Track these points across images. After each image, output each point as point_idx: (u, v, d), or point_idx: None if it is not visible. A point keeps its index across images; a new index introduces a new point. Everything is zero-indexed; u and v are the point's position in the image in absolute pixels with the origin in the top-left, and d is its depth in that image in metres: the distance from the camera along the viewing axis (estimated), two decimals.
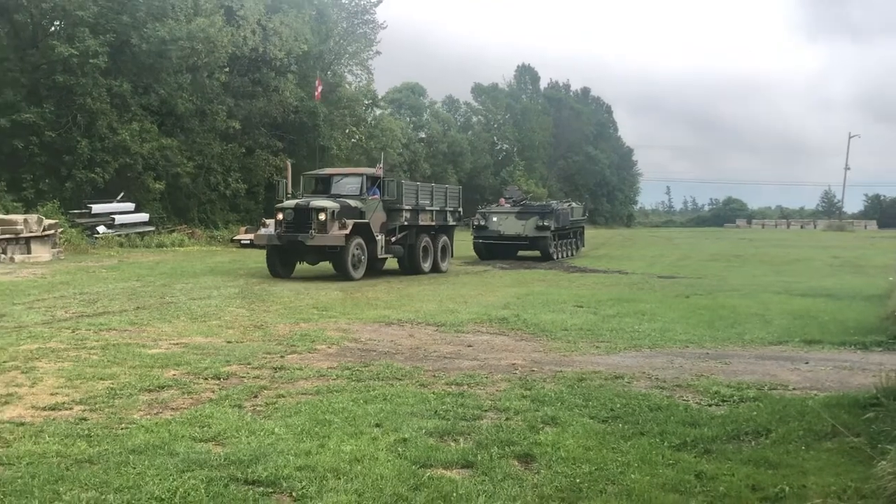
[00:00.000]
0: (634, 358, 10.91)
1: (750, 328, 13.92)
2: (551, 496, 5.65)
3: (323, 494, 5.60)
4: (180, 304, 15.88)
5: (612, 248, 43.52)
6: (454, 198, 27.98)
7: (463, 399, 8.26)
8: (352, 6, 53.44)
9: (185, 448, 6.52)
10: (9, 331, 12.36)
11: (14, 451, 6.41)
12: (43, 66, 33.97)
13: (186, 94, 38.33)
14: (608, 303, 17.27)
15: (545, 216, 33.04)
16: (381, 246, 23.15)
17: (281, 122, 44.10)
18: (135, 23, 35.77)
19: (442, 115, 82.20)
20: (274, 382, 9.04)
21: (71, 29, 34.48)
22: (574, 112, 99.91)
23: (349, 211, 22.12)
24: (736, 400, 8.45)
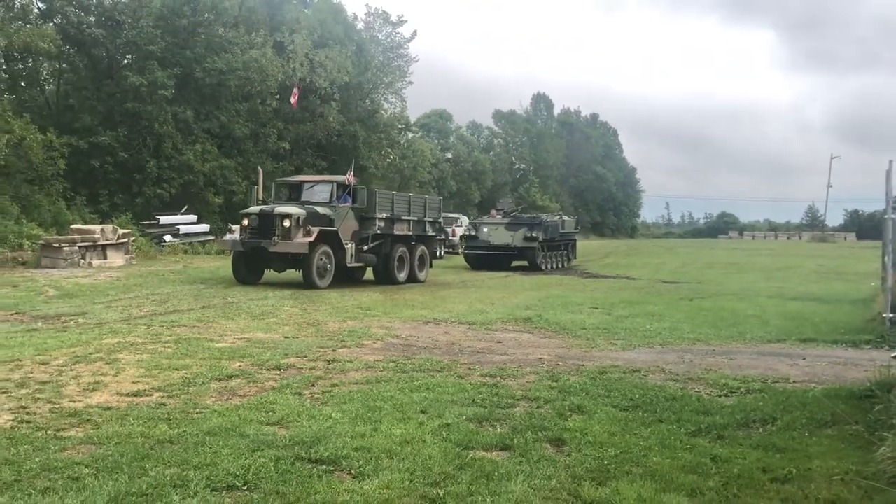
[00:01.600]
0: (648, 354, 10.86)
1: (750, 328, 13.84)
2: (583, 476, 5.61)
3: (379, 472, 5.59)
4: (241, 303, 15.94)
5: (618, 256, 43.39)
6: (434, 208, 25.02)
7: (497, 389, 8.24)
8: (388, 42, 53.60)
9: (254, 430, 6.53)
10: (92, 327, 12.46)
11: (103, 433, 6.44)
12: (117, 94, 34.22)
13: (242, 119, 38.50)
14: (620, 305, 17.22)
15: (534, 227, 31.13)
16: (350, 254, 20.73)
17: (325, 143, 44.23)
18: (197, 56, 36.01)
19: (466, 137, 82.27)
20: (328, 373, 9.06)
21: (142, 62, 34.72)
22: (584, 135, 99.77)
23: (316, 218, 19.97)
24: (743, 391, 8.40)
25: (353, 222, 21.10)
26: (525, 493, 5.26)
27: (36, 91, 36.64)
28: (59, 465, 5.59)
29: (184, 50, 35.96)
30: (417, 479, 5.46)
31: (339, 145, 45.12)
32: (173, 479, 5.35)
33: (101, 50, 34.97)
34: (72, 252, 23.45)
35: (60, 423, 6.72)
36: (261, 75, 37.09)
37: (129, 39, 34.48)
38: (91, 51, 34.81)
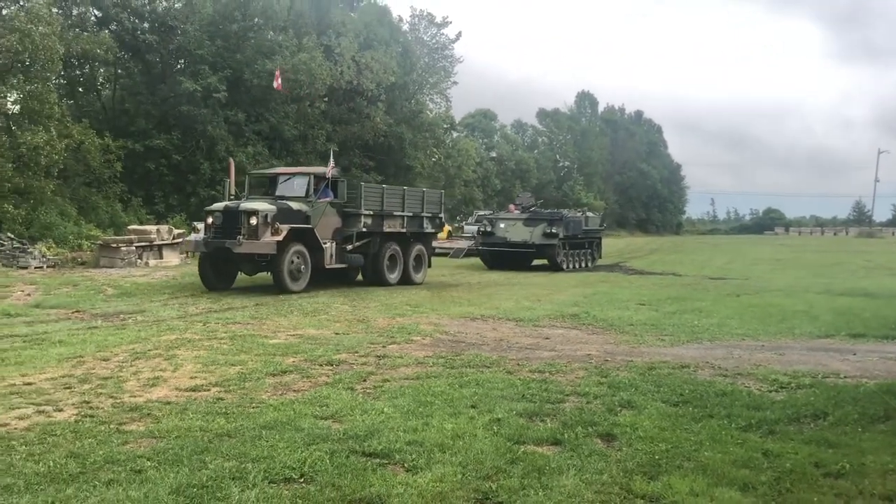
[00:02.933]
0: (696, 349, 10.75)
1: (798, 323, 13.62)
2: (634, 470, 5.57)
3: (431, 466, 5.60)
4: (292, 301, 16.07)
5: (663, 253, 42.96)
6: (434, 203, 22.24)
7: (546, 385, 8.22)
8: (432, 43, 53.76)
9: (308, 424, 6.59)
10: (150, 324, 12.66)
11: (164, 426, 6.53)
12: (170, 98, 34.71)
13: (292, 121, 38.85)
14: (667, 301, 17.05)
15: (554, 223, 28.08)
16: (330, 254, 18.28)
17: (372, 144, 44.43)
18: (247, 60, 36.40)
19: (511, 136, 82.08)
20: (379, 368, 9.10)
21: (194, 66, 35.17)
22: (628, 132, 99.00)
23: (289, 214, 17.47)
24: (793, 387, 8.27)
25: (335, 219, 18.84)
26: (577, 487, 5.24)
27: (93, 96, 37.32)
28: (121, 458, 5.69)
29: (234, 54, 36.37)
30: (470, 473, 5.47)
31: (385, 146, 45.32)
32: (232, 471, 5.42)
33: (155, 55, 35.49)
34: (129, 252, 23.88)
35: (122, 418, 6.83)
36: (309, 78, 37.35)
37: (181, 45, 34.97)
38: (145, 56, 35.35)
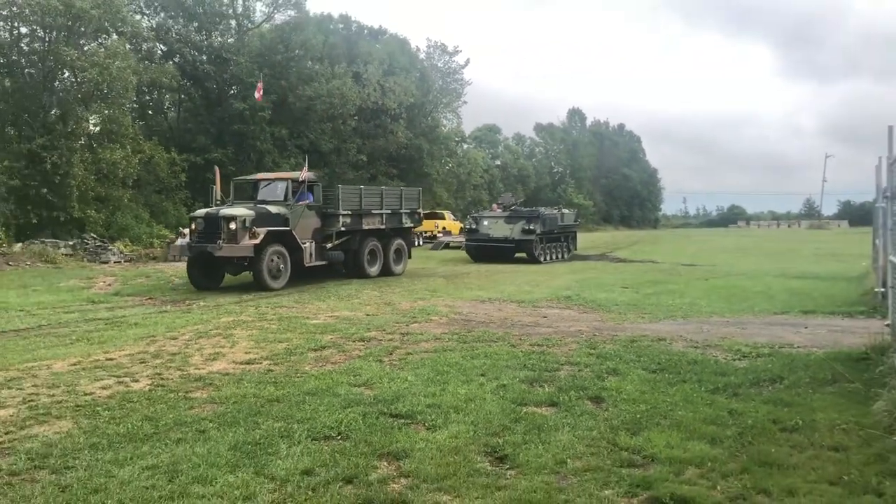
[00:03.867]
0: (671, 325, 10.67)
1: (758, 302, 13.50)
2: (619, 427, 5.56)
3: (448, 425, 5.61)
4: (329, 288, 16.09)
5: (644, 244, 42.56)
6: (412, 199, 20.87)
7: (544, 356, 8.20)
8: (445, 69, 53.78)
9: (344, 391, 6.61)
10: (210, 308, 12.72)
11: (223, 394, 6.57)
12: (225, 118, 34.74)
13: (327, 136, 38.81)
14: (646, 284, 16.93)
15: (532, 220, 26.72)
16: (309, 253, 16.95)
17: (395, 155, 44.37)
18: (290, 85, 36.34)
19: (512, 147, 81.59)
20: (403, 344, 9.10)
21: (244, 91, 35.15)
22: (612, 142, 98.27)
23: (267, 218, 16.12)
24: (754, 356, 8.20)
25: (314, 220, 17.44)
26: (570, 441, 5.24)
27: (161, 118, 37.41)
28: (188, 421, 5.73)
29: (279, 80, 36.33)
30: (480, 430, 5.48)
31: (406, 156, 45.28)
32: (280, 430, 5.45)
33: (212, 82, 35.53)
34: None
35: (188, 387, 6.88)
36: (341, 100, 37.37)
37: (234, 73, 34.97)
38: (204, 83, 35.40)
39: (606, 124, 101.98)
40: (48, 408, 6.10)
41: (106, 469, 4.66)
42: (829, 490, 4.38)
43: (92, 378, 7.22)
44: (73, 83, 28.04)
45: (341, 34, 45.11)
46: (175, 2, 34.45)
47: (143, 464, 4.76)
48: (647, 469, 4.75)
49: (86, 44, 27.37)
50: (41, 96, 25.95)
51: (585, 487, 4.45)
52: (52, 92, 26.63)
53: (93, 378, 7.22)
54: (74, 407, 6.13)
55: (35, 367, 7.71)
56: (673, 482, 4.51)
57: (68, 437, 5.30)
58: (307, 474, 4.61)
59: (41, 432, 5.46)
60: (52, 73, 26.64)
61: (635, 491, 4.41)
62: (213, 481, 4.47)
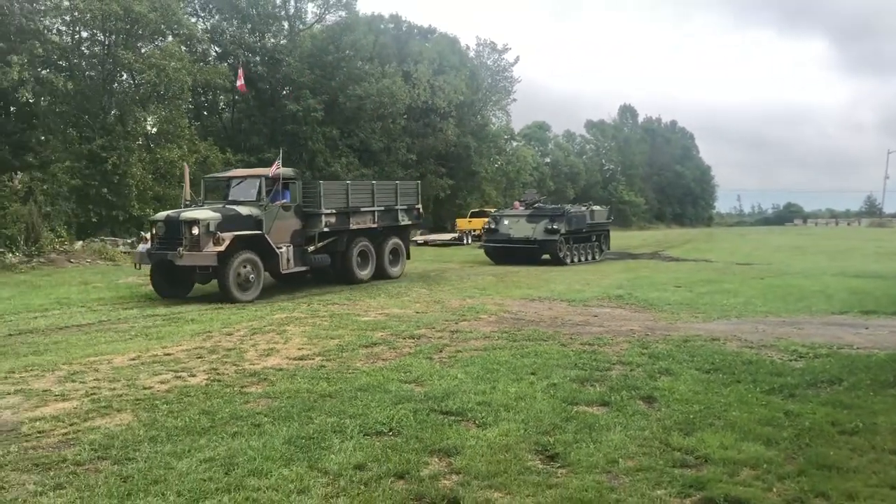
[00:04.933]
0: (725, 325, 10.48)
1: (815, 302, 13.16)
2: (672, 427, 5.50)
3: (498, 422, 5.62)
4: (380, 285, 16.19)
5: (697, 242, 41.83)
6: (409, 194, 18.61)
7: (595, 355, 8.13)
8: (495, 67, 53.52)
9: (395, 387, 6.66)
10: (264, 304, 12.96)
11: (277, 389, 6.69)
12: (278, 119, 35.29)
13: (378, 135, 39.11)
14: (700, 283, 16.64)
15: (555, 219, 24.26)
16: (287, 259, 14.83)
17: (444, 153, 44.47)
18: (340, 85, 36.74)
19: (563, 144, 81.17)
20: (453, 341, 9.12)
21: (297, 92, 35.68)
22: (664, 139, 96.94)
23: (236, 221, 14.09)
24: (811, 356, 8.02)
25: (293, 221, 15.38)
26: (622, 441, 5.20)
27: (215, 118, 38.17)
28: (243, 415, 5.85)
29: (330, 81, 36.76)
30: (531, 429, 5.48)
31: (455, 154, 45.34)
32: (333, 425, 5.53)
33: (265, 83, 36.10)
34: None
35: (243, 381, 7.02)
36: (391, 99, 37.62)
37: (286, 74, 35.50)
38: (257, 84, 35.98)
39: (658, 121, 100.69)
40: (109, 401, 6.29)
41: (165, 461, 4.80)
42: (891, 494, 4.28)
43: (150, 372, 7.42)
44: (131, 85, 28.83)
45: (391, 34, 45.38)
46: (229, 4, 35.09)
47: (200, 456, 4.88)
48: (700, 470, 4.69)
49: (143, 46, 28.09)
50: (101, 98, 26.72)
51: (637, 487, 4.42)
52: (111, 94, 27.41)
53: (151, 372, 7.42)
54: (134, 400, 6.32)
55: (96, 362, 7.96)
56: (727, 483, 4.45)
57: (129, 430, 5.47)
58: (359, 469, 4.67)
59: (103, 424, 5.64)
60: (111, 76, 27.43)
61: (688, 491, 4.37)
62: (268, 474, 4.56)
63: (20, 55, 22.50)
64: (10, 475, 4.57)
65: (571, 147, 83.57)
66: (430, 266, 22.14)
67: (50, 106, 25.90)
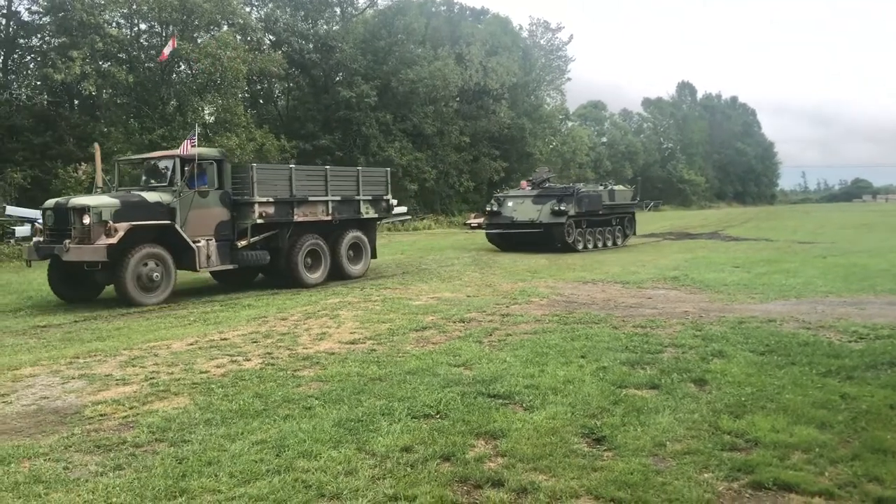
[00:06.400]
0: (783, 305, 10.24)
1: (880, 281, 12.73)
2: (722, 410, 5.43)
3: (545, 406, 5.63)
4: (432, 270, 16.30)
5: (758, 221, 40.86)
6: (375, 183, 15.96)
7: (647, 338, 8.05)
8: (548, 46, 53.09)
9: (444, 371, 6.72)
10: (319, 290, 13.17)
11: (329, 372, 6.81)
12: (332, 105, 35.65)
13: (430, 119, 39.19)
14: (759, 264, 16.27)
15: (563, 200, 21.35)
16: (206, 255, 12.67)
17: (497, 135, 44.30)
18: (393, 70, 36.92)
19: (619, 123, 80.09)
20: (503, 325, 9.13)
21: (350, 77, 35.98)
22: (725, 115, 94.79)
23: (140, 209, 12.03)
24: (872, 337, 7.79)
25: (218, 211, 13.10)
26: (670, 424, 5.16)
27: (271, 106, 38.78)
28: (295, 398, 5.98)
29: (382, 65, 36.95)
30: (578, 412, 5.47)
31: (509, 136, 45.13)
32: (382, 408, 5.61)
33: (319, 70, 36.48)
34: None
35: (296, 365, 7.17)
36: (444, 82, 37.65)
37: (339, 60, 35.80)
38: (311, 71, 36.40)
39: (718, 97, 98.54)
40: (167, 385, 6.51)
41: (219, 443, 4.95)
42: None
43: (207, 357, 7.64)
44: (189, 75, 29.46)
45: (443, 16, 45.29)
46: None
47: (252, 438, 5.02)
48: (749, 453, 4.63)
49: (199, 37, 28.66)
50: (160, 89, 27.40)
51: (684, 470, 4.39)
52: (169, 84, 28.08)
53: (208, 357, 7.64)
54: (191, 384, 6.52)
55: (156, 347, 8.23)
56: (777, 467, 4.38)
57: (185, 413, 5.65)
58: (406, 451, 4.75)
59: (161, 408, 5.84)
60: (169, 67, 28.06)
61: (736, 475, 4.32)
62: (317, 456, 4.67)
63: (82, 49, 23.23)
64: (74, 456, 4.79)
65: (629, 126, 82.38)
66: (483, 250, 22.15)
67: (111, 98, 26.73)
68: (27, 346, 8.66)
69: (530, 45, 51.39)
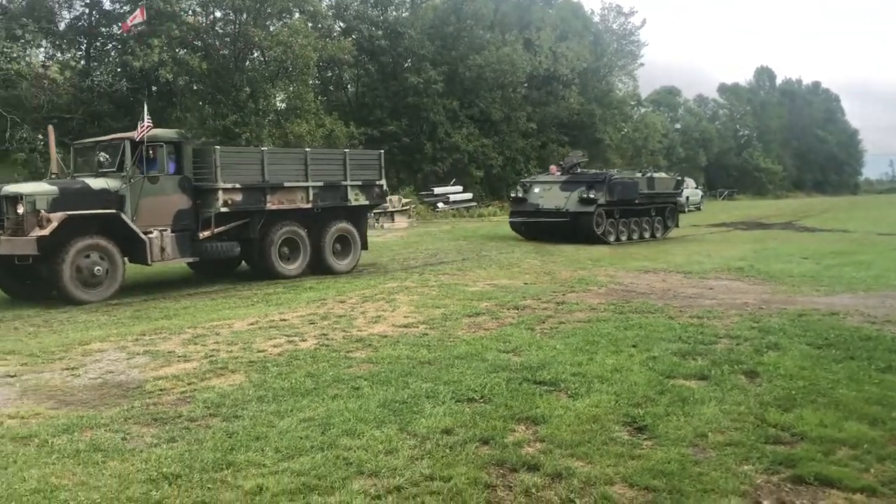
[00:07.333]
0: (850, 299, 9.90)
1: None
2: (770, 403, 5.34)
3: (590, 393, 5.64)
4: (492, 256, 16.33)
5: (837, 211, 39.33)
6: (367, 167, 14.63)
7: (702, 328, 7.94)
8: (621, 31, 52.13)
9: (492, 356, 6.79)
10: (379, 274, 13.38)
11: (380, 355, 6.97)
12: (400, 92, 35.89)
13: (498, 105, 39.04)
14: (830, 255, 15.74)
15: (593, 186, 19.64)
16: (159, 247, 11.60)
17: (566, 121, 43.84)
18: (461, 56, 36.92)
19: (694, 110, 78.17)
20: (557, 313, 9.12)
21: (418, 63, 36.13)
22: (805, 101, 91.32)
23: (83, 197, 11.00)
24: None
25: (176, 198, 12.02)
26: (715, 415, 5.11)
27: (340, 93, 39.30)
28: (345, 378, 6.15)
29: (450, 51, 36.98)
30: (622, 400, 5.46)
31: (578, 122, 44.60)
32: (427, 391, 5.72)
33: (388, 56, 36.73)
34: (369, 217, 25.02)
35: (349, 347, 7.35)
36: (512, 68, 37.44)
37: (407, 46, 35.99)
38: (380, 58, 36.67)
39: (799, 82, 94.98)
40: (226, 362, 6.77)
41: (268, 420, 5.14)
42: None
43: (266, 337, 7.90)
44: (262, 62, 30.10)
45: (513, 1, 44.96)
46: None
47: (300, 416, 5.19)
48: (793, 447, 4.56)
49: (271, 24, 29.24)
50: (233, 76, 28.07)
51: (723, 461, 4.36)
52: (242, 71, 28.73)
53: (266, 337, 7.90)
54: (248, 362, 6.76)
55: (218, 326, 8.54)
56: (820, 462, 4.31)
57: (240, 390, 5.88)
58: (447, 433, 4.84)
59: (217, 384, 6.08)
60: (242, 54, 28.75)
61: (777, 468, 4.27)
62: (360, 435, 4.81)
63: (160, 37, 24.00)
64: (133, 428, 5.05)
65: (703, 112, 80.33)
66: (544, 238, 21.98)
67: (187, 84, 27.50)
68: (98, 322, 9.12)
69: (602, 30, 50.57)
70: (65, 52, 27.29)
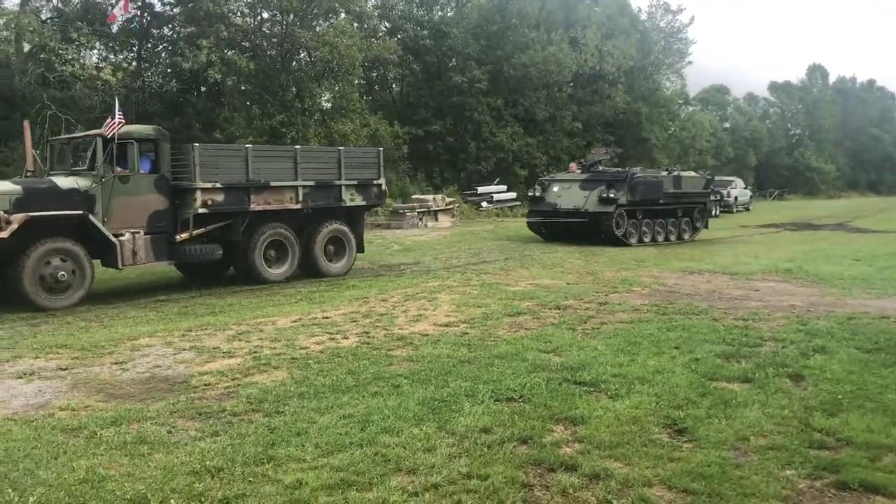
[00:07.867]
0: None
1: None
2: (815, 407, 5.25)
3: (630, 395, 5.61)
4: (535, 256, 16.28)
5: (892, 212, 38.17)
6: (365, 166, 13.86)
7: (747, 331, 7.83)
8: (668, 29, 51.35)
9: (532, 356, 6.78)
10: (422, 273, 13.44)
11: (420, 353, 7.02)
12: (444, 91, 35.93)
13: (542, 104, 38.81)
14: (884, 257, 15.32)
15: (613, 185, 18.81)
16: (130, 250, 10.93)
17: (612, 121, 43.40)
18: (505, 55, 36.78)
19: (743, 108, 76.75)
20: (599, 313, 9.08)
21: (462, 63, 36.12)
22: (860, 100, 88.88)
23: (48, 197, 10.37)
24: None
25: (152, 198, 11.36)
26: (758, 419, 5.05)
27: (385, 93, 39.50)
28: (386, 376, 6.21)
29: (495, 50, 36.87)
30: (663, 402, 5.42)
31: (624, 121, 44.12)
32: (467, 390, 5.75)
33: (432, 56, 36.80)
34: (413, 216, 25.25)
35: (390, 345, 7.41)
36: (557, 67, 37.19)
37: (452, 45, 36.02)
38: (424, 58, 36.76)
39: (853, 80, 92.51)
40: (269, 359, 6.88)
41: (309, 416, 5.22)
42: None
43: (308, 334, 8.01)
44: (308, 62, 30.44)
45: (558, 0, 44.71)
46: None
47: (341, 413, 5.26)
48: (838, 452, 4.48)
49: (317, 25, 29.55)
50: (280, 76, 28.45)
51: (765, 465, 4.30)
52: (289, 72, 29.09)
53: (309, 334, 8.01)
54: (290, 359, 6.87)
55: (262, 323, 8.69)
56: (865, 468, 4.23)
57: (282, 386, 5.97)
58: (485, 432, 4.86)
59: (260, 380, 6.20)
60: (289, 54, 29.12)
61: (820, 473, 4.20)
62: (399, 432, 4.85)
63: (208, 38, 24.45)
64: (178, 422, 5.18)
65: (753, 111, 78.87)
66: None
67: (235, 85, 27.95)
68: (146, 318, 9.35)
69: (649, 28, 49.91)
70: (117, 54, 27.97)
